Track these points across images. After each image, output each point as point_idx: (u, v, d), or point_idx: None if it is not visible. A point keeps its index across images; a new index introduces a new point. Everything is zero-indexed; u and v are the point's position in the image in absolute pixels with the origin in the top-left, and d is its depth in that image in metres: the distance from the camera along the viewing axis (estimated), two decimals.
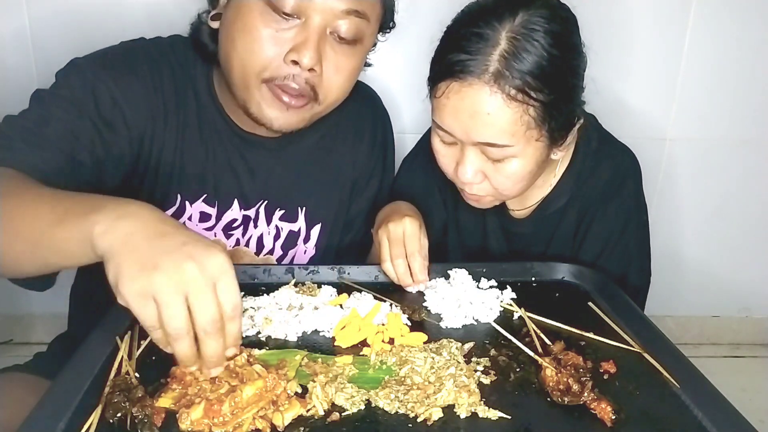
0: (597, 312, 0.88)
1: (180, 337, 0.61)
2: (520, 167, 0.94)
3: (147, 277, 0.59)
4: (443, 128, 0.94)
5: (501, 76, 0.87)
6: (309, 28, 0.89)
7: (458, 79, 0.89)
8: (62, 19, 1.56)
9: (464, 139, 0.92)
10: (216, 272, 0.62)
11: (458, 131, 0.92)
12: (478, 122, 0.89)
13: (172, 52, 1.02)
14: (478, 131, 0.90)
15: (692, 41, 1.69)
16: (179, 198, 1.04)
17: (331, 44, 0.92)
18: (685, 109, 1.77)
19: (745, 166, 1.84)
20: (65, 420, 0.64)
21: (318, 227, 1.14)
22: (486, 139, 0.90)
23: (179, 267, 0.60)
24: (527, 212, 1.14)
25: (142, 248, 0.61)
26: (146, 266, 0.60)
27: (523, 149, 0.92)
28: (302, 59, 0.89)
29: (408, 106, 1.63)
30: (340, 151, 1.15)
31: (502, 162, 0.93)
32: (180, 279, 0.60)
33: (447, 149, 0.98)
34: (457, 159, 0.97)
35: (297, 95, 0.93)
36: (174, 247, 0.61)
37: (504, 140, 0.90)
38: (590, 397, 0.67)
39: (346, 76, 0.96)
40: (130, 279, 0.60)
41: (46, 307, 1.88)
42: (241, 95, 0.95)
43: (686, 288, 1.98)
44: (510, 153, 0.92)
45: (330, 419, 0.66)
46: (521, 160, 0.93)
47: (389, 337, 0.82)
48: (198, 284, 0.60)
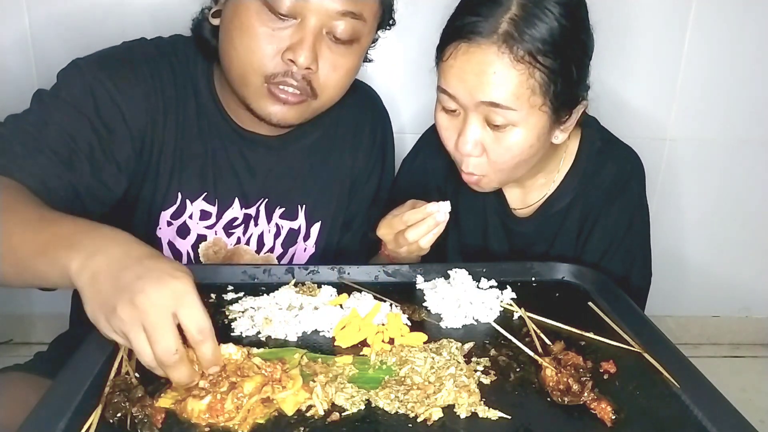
0: (597, 312, 0.88)
1: (155, 367, 0.64)
2: (521, 138, 0.93)
3: (110, 320, 0.62)
4: (448, 92, 0.94)
5: (510, 37, 0.88)
6: (305, 29, 0.90)
7: (467, 41, 0.91)
8: (62, 21, 1.56)
9: (468, 101, 0.92)
10: (169, 302, 0.62)
11: (462, 92, 0.92)
12: (483, 81, 0.90)
13: (172, 51, 1.03)
14: (482, 90, 0.90)
15: (692, 41, 1.69)
16: (180, 196, 1.04)
17: (327, 44, 0.93)
18: (685, 109, 1.77)
19: (745, 166, 1.84)
20: (65, 420, 0.64)
21: (318, 225, 1.15)
22: (490, 98, 0.90)
23: (132, 303, 0.61)
24: (529, 211, 1.13)
25: (104, 289, 0.63)
26: (108, 308, 0.62)
27: (525, 117, 0.92)
28: (298, 58, 0.90)
29: (408, 106, 1.64)
30: (340, 149, 1.15)
31: (503, 131, 0.93)
32: (134, 315, 0.61)
33: (449, 120, 0.98)
34: (458, 130, 0.97)
35: (295, 92, 0.94)
36: (128, 283, 0.62)
37: (508, 102, 0.90)
38: (590, 397, 0.67)
39: (342, 74, 0.97)
40: (101, 322, 0.63)
41: (46, 307, 1.88)
42: (241, 91, 0.96)
43: (686, 288, 1.98)
44: (512, 119, 0.92)
45: (330, 419, 0.66)
46: (522, 129, 0.93)
47: (389, 337, 0.81)
48: (151, 318, 0.61)
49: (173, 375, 0.64)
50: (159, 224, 1.04)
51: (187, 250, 1.07)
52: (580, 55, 0.95)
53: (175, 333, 0.62)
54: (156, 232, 1.04)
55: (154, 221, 1.04)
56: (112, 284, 0.63)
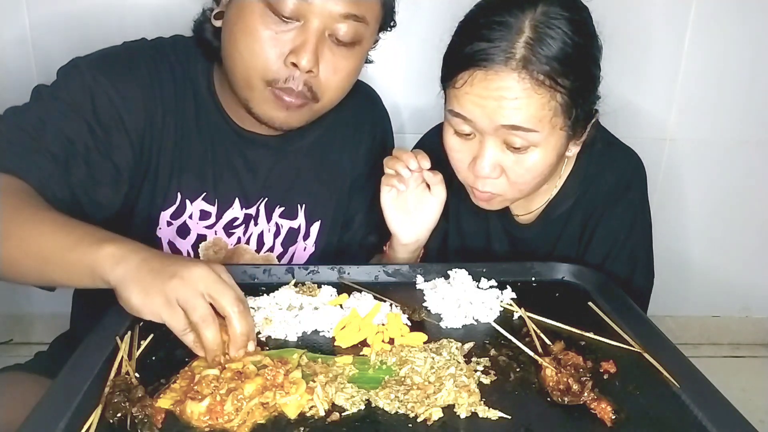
0: (597, 312, 0.88)
1: (208, 324, 0.72)
2: (540, 158, 0.93)
3: (168, 286, 0.71)
4: (464, 116, 0.92)
5: (528, 62, 0.87)
6: (307, 31, 0.90)
7: (482, 68, 0.88)
8: (62, 20, 1.56)
9: (487, 126, 0.91)
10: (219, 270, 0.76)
11: (482, 118, 0.90)
12: (504, 106, 0.88)
13: (172, 51, 1.03)
14: (504, 115, 0.89)
15: (692, 41, 1.70)
16: (179, 196, 1.04)
17: (329, 46, 0.93)
18: (685, 109, 1.77)
19: (746, 166, 1.85)
20: (65, 420, 0.64)
21: (318, 224, 1.15)
22: (512, 122, 0.89)
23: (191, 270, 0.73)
24: (532, 217, 1.13)
25: (158, 267, 0.73)
26: (165, 277, 0.72)
27: (546, 138, 0.91)
28: (300, 61, 0.90)
29: (408, 106, 1.64)
30: (340, 149, 1.16)
31: (524, 153, 0.92)
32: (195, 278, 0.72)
33: (463, 143, 0.96)
34: (473, 153, 0.95)
35: (296, 96, 0.94)
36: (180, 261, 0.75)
37: (530, 124, 0.89)
38: (590, 397, 0.67)
39: (343, 76, 0.97)
40: (154, 293, 0.72)
41: (46, 307, 1.88)
42: (244, 94, 0.96)
43: (686, 288, 1.98)
44: (533, 140, 0.90)
45: (330, 419, 0.66)
46: (543, 150, 0.92)
47: (389, 337, 0.81)
48: (211, 277, 0.73)
49: (240, 323, 0.73)
50: (159, 224, 1.04)
51: (187, 250, 1.07)
52: (593, 70, 0.95)
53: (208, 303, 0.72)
54: (156, 232, 1.04)
55: (154, 221, 1.04)
56: (162, 263, 0.74)
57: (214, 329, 0.72)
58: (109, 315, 0.83)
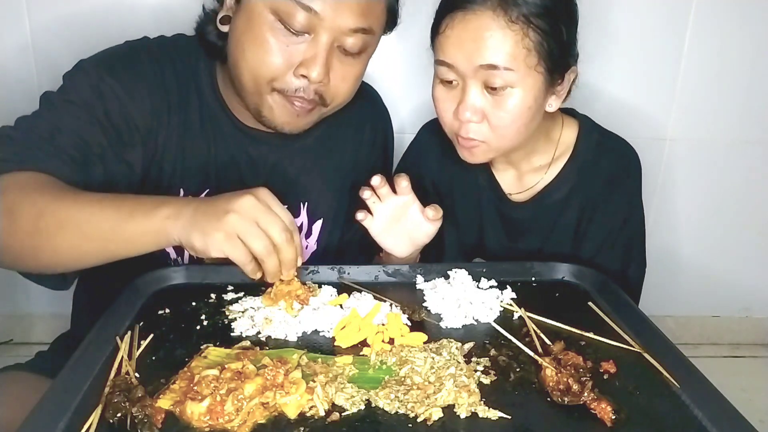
0: (597, 312, 0.88)
1: (269, 254, 0.79)
2: (519, 99, 0.96)
3: (223, 223, 0.77)
4: (446, 62, 0.97)
5: (503, 1, 0.93)
6: (318, 45, 0.92)
7: (462, 9, 0.95)
8: (63, 25, 1.57)
9: (467, 68, 0.95)
10: (267, 198, 0.81)
11: (461, 59, 0.95)
12: (480, 45, 0.93)
13: (174, 49, 1.04)
14: (480, 54, 0.94)
15: (692, 41, 1.70)
16: (182, 193, 1.04)
17: (338, 57, 0.95)
18: (685, 109, 1.77)
19: (745, 166, 1.85)
20: (65, 420, 0.64)
21: (319, 223, 1.15)
22: (488, 61, 0.93)
23: (242, 204, 0.78)
24: (525, 197, 1.14)
25: (211, 211, 0.79)
26: (219, 216, 0.78)
27: (522, 77, 0.95)
28: (311, 74, 0.92)
29: (407, 105, 1.64)
30: (342, 148, 1.16)
31: (502, 95, 0.96)
32: (246, 210, 0.78)
33: (447, 92, 1.00)
34: (457, 100, 0.99)
35: (307, 102, 0.96)
36: (230, 198, 0.80)
37: (506, 62, 0.93)
38: (590, 397, 0.67)
39: (351, 83, 1.00)
40: (212, 233, 0.78)
41: (46, 307, 1.88)
42: (252, 100, 0.98)
43: (686, 288, 1.98)
44: (510, 80, 0.94)
45: (330, 419, 0.66)
46: (520, 90, 0.95)
47: (389, 337, 0.81)
48: (260, 208, 0.79)
49: (288, 252, 0.81)
50: None
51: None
52: (567, 19, 0.98)
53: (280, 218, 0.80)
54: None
55: None
56: (214, 205, 0.80)
57: (274, 258, 0.80)
58: (109, 315, 0.83)
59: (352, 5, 0.91)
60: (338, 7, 0.90)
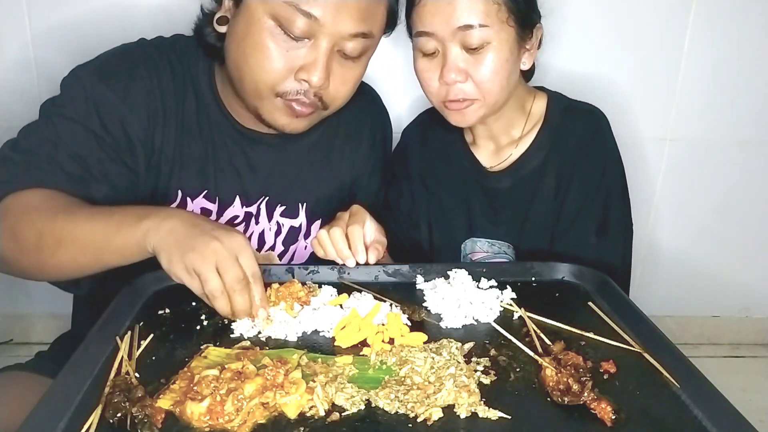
0: (597, 312, 0.88)
1: (216, 296, 0.79)
2: (496, 54, 1.03)
3: (186, 257, 0.78)
4: (426, 31, 1.03)
5: None
6: (318, 50, 0.92)
7: None
8: (63, 31, 1.57)
9: (445, 32, 1.01)
10: (236, 247, 0.79)
11: (440, 24, 1.01)
12: (456, 7, 0.99)
13: (172, 50, 1.04)
14: (457, 16, 1.00)
15: (692, 41, 1.69)
16: (180, 194, 1.04)
17: (338, 60, 0.96)
18: (685, 109, 1.77)
19: (745, 166, 1.84)
20: (65, 420, 0.64)
21: (318, 223, 1.15)
22: (466, 22, 1.00)
23: (208, 245, 0.78)
24: (503, 167, 1.17)
25: (181, 238, 0.80)
26: (185, 249, 0.79)
27: (497, 32, 1.02)
28: (312, 79, 0.93)
29: (407, 105, 1.64)
30: (341, 148, 1.16)
31: (481, 52, 1.02)
32: (209, 253, 0.78)
33: (429, 62, 1.06)
34: (440, 66, 1.04)
35: (307, 105, 0.96)
36: (204, 232, 0.80)
37: (481, 19, 1.00)
38: (590, 397, 0.67)
39: (351, 86, 1.00)
40: (176, 262, 0.79)
41: (46, 307, 1.88)
42: (253, 103, 0.98)
43: (686, 288, 1.98)
44: (487, 37, 1.01)
45: (330, 419, 0.66)
46: (496, 44, 1.02)
47: (389, 337, 0.81)
48: (222, 255, 0.78)
49: (237, 301, 0.80)
50: None
51: None
52: None
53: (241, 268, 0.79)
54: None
55: None
56: (187, 233, 0.80)
57: (221, 301, 0.79)
58: (109, 315, 0.83)
59: (352, 10, 0.91)
60: (338, 12, 0.90)
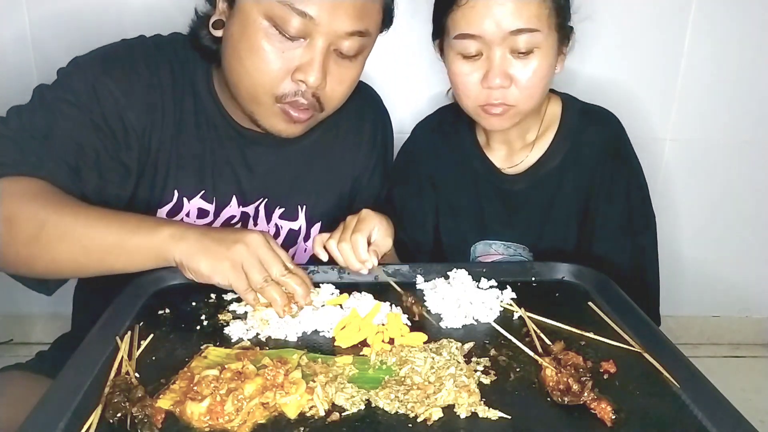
0: (597, 312, 0.88)
1: (264, 288, 0.83)
2: (544, 60, 1.00)
3: (231, 255, 0.82)
4: (472, 34, 0.99)
5: None
6: (314, 49, 0.91)
7: None
8: (62, 19, 1.56)
9: (495, 36, 0.97)
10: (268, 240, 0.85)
11: (489, 28, 0.97)
12: (509, 9, 0.96)
13: (171, 49, 1.03)
14: (510, 19, 0.96)
15: (692, 41, 1.69)
16: (176, 194, 1.04)
17: (334, 60, 0.95)
18: (685, 109, 1.77)
19: (745, 166, 1.84)
20: (65, 420, 0.64)
21: (318, 226, 1.15)
22: (518, 26, 0.97)
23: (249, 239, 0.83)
24: (518, 170, 1.16)
25: (215, 240, 0.83)
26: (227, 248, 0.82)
27: (545, 37, 0.99)
28: (308, 79, 0.92)
29: (408, 105, 1.63)
30: (340, 149, 1.16)
31: (528, 57, 0.99)
32: (252, 247, 0.83)
33: (471, 66, 1.02)
34: (484, 69, 1.01)
35: (304, 109, 0.96)
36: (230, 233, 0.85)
37: (532, 23, 0.97)
38: (590, 397, 0.67)
39: (347, 86, 0.99)
40: (222, 262, 0.82)
41: (46, 307, 1.88)
42: (250, 107, 0.98)
43: (686, 288, 1.98)
44: (536, 42, 0.98)
45: (330, 419, 0.66)
46: (544, 51, 1.00)
47: (389, 337, 0.81)
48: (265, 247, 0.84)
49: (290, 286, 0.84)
50: None
51: None
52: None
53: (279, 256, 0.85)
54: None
55: None
56: (214, 237, 0.84)
57: (270, 290, 0.83)
58: (109, 315, 0.83)
59: (347, 8, 0.90)
60: (334, 11, 0.89)
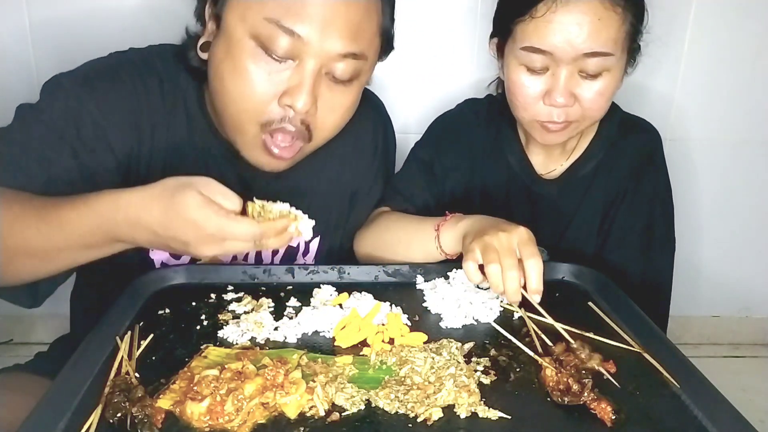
0: (597, 312, 0.88)
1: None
2: (611, 82, 0.98)
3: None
4: (542, 49, 0.96)
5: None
6: (303, 71, 0.85)
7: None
8: (62, 20, 1.56)
9: (567, 54, 0.94)
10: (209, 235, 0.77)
11: (563, 46, 0.94)
12: (586, 30, 0.93)
13: (161, 63, 0.98)
14: (586, 41, 0.93)
15: (692, 41, 1.69)
16: None
17: (326, 84, 0.89)
18: (685, 109, 1.77)
19: (745, 166, 1.84)
20: (65, 420, 0.64)
21: (317, 240, 1.12)
22: (593, 48, 0.94)
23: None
24: (554, 174, 1.16)
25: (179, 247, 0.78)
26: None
27: (617, 61, 0.97)
28: (296, 104, 0.86)
29: (411, 105, 1.63)
30: (340, 162, 1.12)
31: (597, 78, 0.97)
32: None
33: (535, 80, 1.00)
34: (547, 86, 0.99)
35: (289, 141, 0.90)
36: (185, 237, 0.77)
37: (608, 47, 0.94)
38: (590, 397, 0.67)
39: (341, 114, 0.94)
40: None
41: (46, 308, 1.85)
42: (233, 136, 0.93)
43: (686, 288, 1.98)
44: (607, 65, 0.96)
45: (330, 419, 0.66)
46: (613, 74, 0.98)
47: (389, 337, 0.81)
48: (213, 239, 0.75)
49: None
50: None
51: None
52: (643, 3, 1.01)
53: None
54: (150, 254, 1.00)
55: None
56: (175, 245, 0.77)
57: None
58: (109, 315, 0.83)
59: (340, 28, 0.84)
60: (324, 30, 0.83)
